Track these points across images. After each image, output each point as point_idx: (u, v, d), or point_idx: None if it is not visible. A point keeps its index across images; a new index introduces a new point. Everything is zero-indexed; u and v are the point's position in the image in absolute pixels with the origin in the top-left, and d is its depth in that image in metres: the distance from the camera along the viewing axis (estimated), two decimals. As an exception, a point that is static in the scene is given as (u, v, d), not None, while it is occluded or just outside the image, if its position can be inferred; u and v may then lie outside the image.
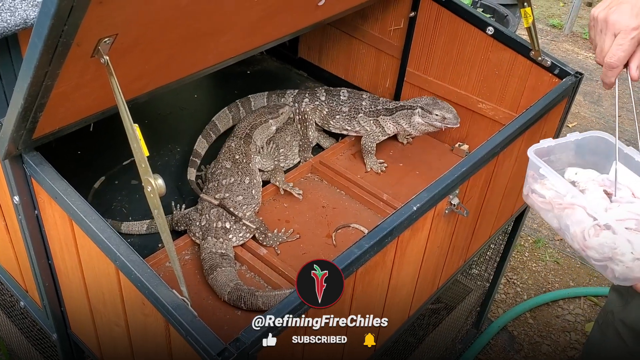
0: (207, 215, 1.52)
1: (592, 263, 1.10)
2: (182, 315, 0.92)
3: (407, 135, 1.95)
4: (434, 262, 1.45)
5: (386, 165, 1.83)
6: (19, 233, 1.26)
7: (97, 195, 1.67)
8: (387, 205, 1.69)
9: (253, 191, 1.60)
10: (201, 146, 1.78)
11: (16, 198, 1.15)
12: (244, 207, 1.55)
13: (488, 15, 1.79)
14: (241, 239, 1.52)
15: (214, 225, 1.50)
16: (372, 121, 1.82)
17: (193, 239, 1.53)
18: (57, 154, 1.14)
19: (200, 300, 1.39)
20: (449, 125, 1.72)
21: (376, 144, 1.83)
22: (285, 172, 1.78)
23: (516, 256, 2.75)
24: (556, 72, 1.66)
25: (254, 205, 1.58)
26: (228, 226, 1.50)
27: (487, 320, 2.38)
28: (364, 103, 1.84)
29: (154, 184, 0.89)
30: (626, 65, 1.18)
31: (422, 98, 1.79)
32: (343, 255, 1.08)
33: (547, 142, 1.24)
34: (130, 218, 1.62)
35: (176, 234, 1.56)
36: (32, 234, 1.21)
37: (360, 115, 1.83)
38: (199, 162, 1.73)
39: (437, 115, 1.71)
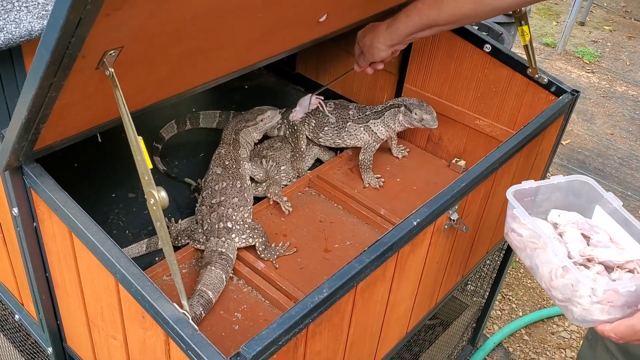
0: (208, 219, 1.55)
1: (556, 303, 1.15)
2: (182, 329, 0.92)
3: (403, 149, 1.95)
4: (433, 277, 1.45)
5: (383, 180, 1.84)
6: (16, 245, 1.25)
7: (93, 208, 1.66)
8: (384, 220, 1.69)
9: (245, 194, 1.63)
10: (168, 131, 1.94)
11: (15, 210, 1.15)
12: (240, 209, 1.57)
13: (484, 33, 1.81)
14: (244, 240, 1.53)
15: (216, 226, 1.52)
16: (362, 128, 1.82)
17: (197, 246, 1.54)
18: (54, 166, 1.13)
19: (197, 314, 1.38)
20: (426, 126, 1.76)
21: (373, 158, 1.84)
22: (285, 186, 1.79)
23: (511, 272, 2.76)
24: (553, 89, 1.68)
25: (248, 207, 1.61)
26: (230, 226, 1.52)
27: (482, 337, 2.38)
28: (350, 112, 1.85)
29: (157, 197, 0.89)
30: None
31: (410, 98, 1.81)
32: (343, 269, 1.07)
33: (528, 184, 1.28)
34: (127, 231, 1.61)
35: (174, 248, 1.56)
36: (30, 246, 1.21)
37: (349, 124, 1.83)
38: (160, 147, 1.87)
39: (416, 115, 1.75)
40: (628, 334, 1.06)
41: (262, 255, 1.53)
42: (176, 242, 1.56)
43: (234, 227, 1.52)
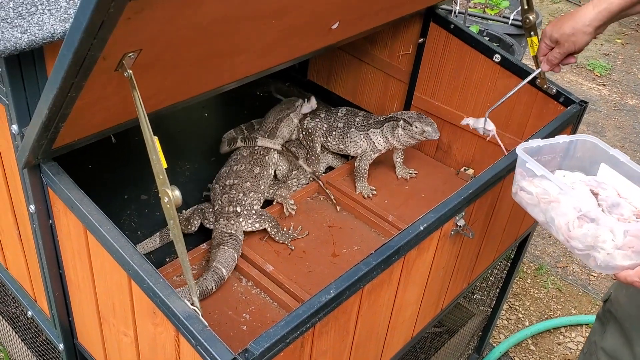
0: (219, 200, 1.63)
1: (576, 253, 1.15)
2: (192, 325, 0.94)
3: (411, 172, 1.96)
4: (439, 283, 1.46)
5: (375, 192, 1.84)
6: (32, 242, 1.28)
7: (106, 209, 1.69)
8: (392, 226, 1.71)
9: (260, 181, 1.69)
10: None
11: (32, 207, 1.18)
12: (251, 194, 1.64)
13: (494, 44, 1.83)
14: (250, 224, 1.60)
15: (226, 209, 1.60)
16: (362, 135, 1.84)
17: (207, 225, 1.61)
18: (68, 167, 1.16)
19: (206, 314, 1.40)
20: (428, 138, 1.76)
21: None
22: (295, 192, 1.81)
23: (518, 282, 2.76)
24: (561, 100, 1.69)
25: (259, 195, 1.68)
26: (239, 210, 1.60)
27: (488, 346, 2.38)
28: (357, 119, 1.88)
29: (171, 195, 0.91)
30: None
31: (408, 112, 1.83)
32: (350, 271, 1.09)
33: (535, 142, 1.27)
34: (139, 232, 1.64)
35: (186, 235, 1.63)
36: (45, 243, 1.24)
37: (352, 129, 1.86)
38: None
39: (416, 128, 1.75)
40: None
41: (277, 239, 1.60)
42: (189, 226, 1.62)
43: (242, 212, 1.60)
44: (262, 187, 1.70)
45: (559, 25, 1.51)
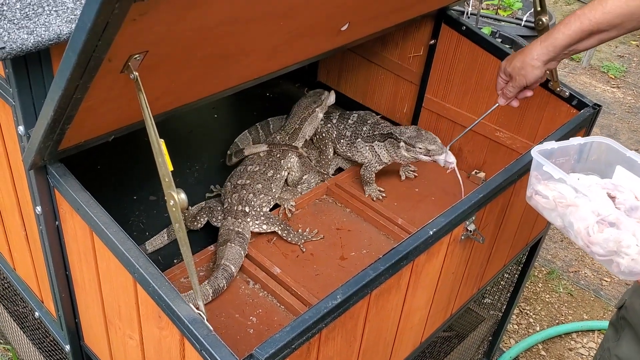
0: (229, 199, 1.63)
1: (597, 258, 1.12)
2: (197, 330, 0.93)
3: (412, 171, 1.93)
4: (448, 288, 1.44)
5: (385, 195, 1.82)
6: (38, 243, 1.28)
7: (114, 209, 1.69)
8: (401, 229, 1.69)
9: (272, 184, 1.69)
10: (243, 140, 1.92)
11: (38, 208, 1.18)
12: (261, 196, 1.64)
13: (507, 46, 1.81)
14: (257, 225, 1.60)
15: (235, 208, 1.60)
16: (367, 147, 1.81)
17: (214, 224, 1.61)
18: (76, 168, 1.16)
19: (213, 316, 1.40)
20: (435, 157, 1.66)
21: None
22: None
23: (530, 287, 2.73)
24: (574, 103, 1.67)
25: (269, 197, 1.67)
26: (247, 210, 1.60)
27: (498, 350, 2.36)
28: (364, 128, 1.83)
29: (177, 198, 0.90)
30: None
31: (408, 129, 1.73)
32: (358, 276, 1.08)
33: (550, 144, 1.25)
34: (147, 233, 1.63)
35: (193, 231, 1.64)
36: (52, 244, 1.23)
37: (358, 140, 1.83)
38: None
39: (420, 148, 1.66)
40: None
41: (289, 240, 1.60)
42: (195, 222, 1.63)
43: (250, 212, 1.60)
44: (274, 190, 1.69)
45: (511, 59, 1.51)
